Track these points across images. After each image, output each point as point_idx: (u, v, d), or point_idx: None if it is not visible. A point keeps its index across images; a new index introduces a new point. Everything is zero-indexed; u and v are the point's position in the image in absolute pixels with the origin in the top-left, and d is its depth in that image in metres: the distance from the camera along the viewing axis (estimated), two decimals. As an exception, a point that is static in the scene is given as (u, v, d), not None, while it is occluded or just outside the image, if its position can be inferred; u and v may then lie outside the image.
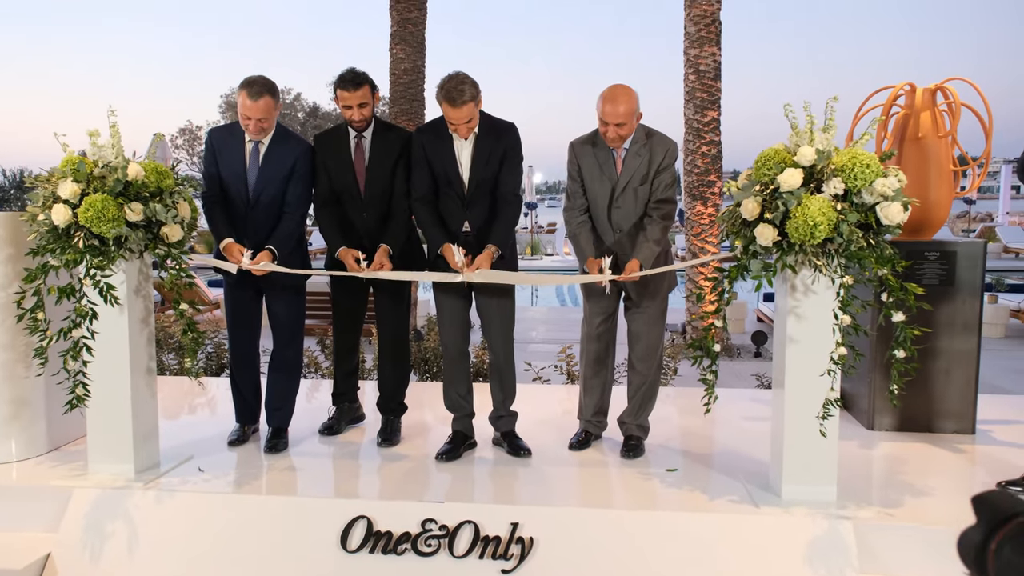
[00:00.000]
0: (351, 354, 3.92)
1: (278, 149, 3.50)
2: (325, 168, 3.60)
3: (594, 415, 3.70)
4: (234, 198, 3.50)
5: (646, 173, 3.37)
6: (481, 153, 3.38)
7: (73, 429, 3.66)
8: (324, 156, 3.62)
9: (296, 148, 3.54)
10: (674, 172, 3.45)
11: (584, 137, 3.49)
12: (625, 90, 3.30)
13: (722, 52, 9.78)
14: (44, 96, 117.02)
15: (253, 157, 3.50)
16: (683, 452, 3.63)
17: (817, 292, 2.87)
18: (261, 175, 3.48)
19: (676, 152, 3.43)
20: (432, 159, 3.42)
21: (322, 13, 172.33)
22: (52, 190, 2.99)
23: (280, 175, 3.50)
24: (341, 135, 3.62)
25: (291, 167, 3.51)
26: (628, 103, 3.27)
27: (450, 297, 3.52)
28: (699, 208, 9.91)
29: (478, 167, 3.39)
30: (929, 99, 4.00)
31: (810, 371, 2.89)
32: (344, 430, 3.93)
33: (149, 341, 3.29)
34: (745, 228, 2.88)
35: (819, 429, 2.88)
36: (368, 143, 3.58)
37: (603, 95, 3.31)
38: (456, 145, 3.40)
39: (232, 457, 3.56)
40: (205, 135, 3.61)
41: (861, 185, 2.69)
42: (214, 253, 3.64)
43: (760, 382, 5.76)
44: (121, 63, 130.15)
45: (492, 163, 3.40)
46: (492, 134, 3.40)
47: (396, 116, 10.28)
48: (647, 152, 3.37)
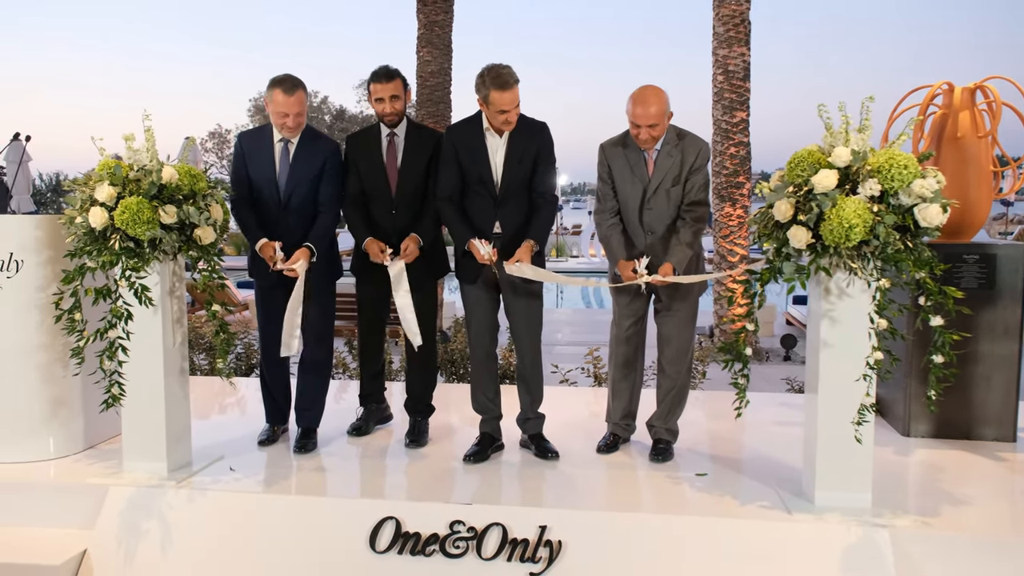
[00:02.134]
0: (377, 355, 3.94)
1: (308, 148, 3.55)
2: (356, 167, 3.65)
3: (622, 418, 3.68)
4: (266, 200, 3.54)
5: (678, 174, 3.34)
6: (515, 151, 3.39)
7: (109, 427, 3.72)
8: (355, 156, 3.66)
9: (326, 147, 3.59)
10: (707, 174, 3.42)
11: (614, 139, 3.48)
12: (655, 90, 3.28)
13: (751, 52, 9.69)
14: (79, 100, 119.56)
15: (283, 158, 3.53)
16: (712, 457, 3.59)
17: (852, 295, 2.82)
18: (292, 175, 3.52)
19: (708, 153, 3.41)
20: (463, 157, 3.42)
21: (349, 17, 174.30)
22: (89, 193, 3.05)
23: (311, 174, 3.54)
24: (372, 135, 3.66)
25: (321, 166, 3.55)
26: (659, 103, 3.25)
27: (478, 298, 3.52)
28: (728, 210, 9.83)
29: (512, 165, 3.39)
30: (968, 98, 3.92)
31: (845, 376, 2.85)
32: (372, 431, 3.95)
33: (182, 342, 3.34)
34: (778, 230, 2.84)
35: (854, 435, 2.84)
36: (400, 142, 3.62)
37: (633, 97, 3.29)
38: (490, 143, 3.40)
39: (262, 457, 3.60)
40: (235, 139, 3.66)
41: (898, 186, 2.65)
42: (248, 255, 3.69)
43: (790, 386, 5.69)
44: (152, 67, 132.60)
45: (525, 162, 3.40)
46: (526, 132, 3.41)
47: (423, 119, 10.34)
48: (679, 153, 3.34)
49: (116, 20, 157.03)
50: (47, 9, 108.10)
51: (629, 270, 3.32)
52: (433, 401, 3.91)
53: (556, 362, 5.90)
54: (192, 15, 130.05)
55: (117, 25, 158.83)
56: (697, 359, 5.79)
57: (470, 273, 3.49)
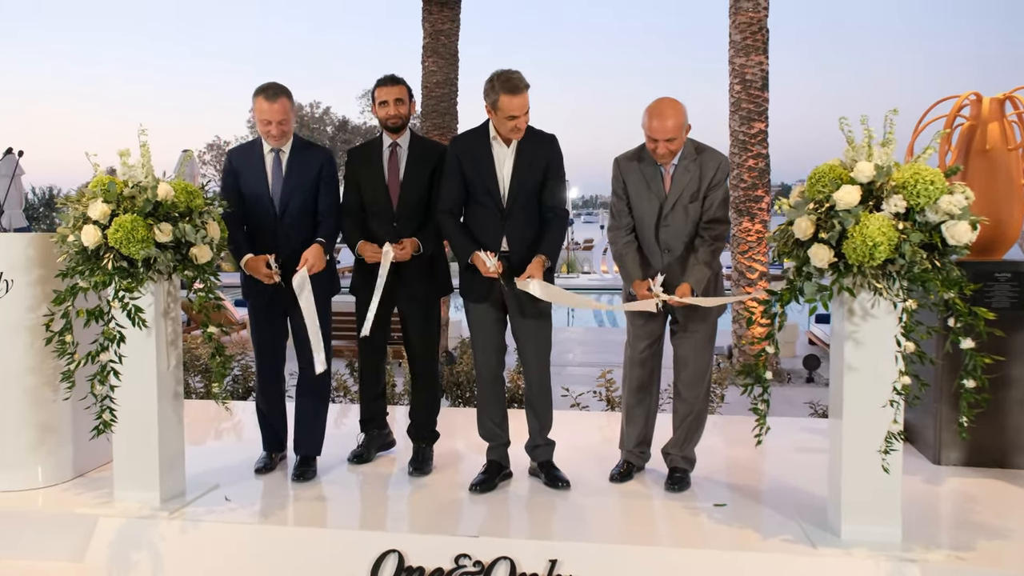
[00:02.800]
0: (378, 377, 3.94)
1: (300, 157, 3.62)
2: (355, 179, 3.70)
3: (636, 445, 3.66)
4: (261, 213, 3.58)
5: (696, 190, 3.35)
6: (523, 161, 3.41)
7: (99, 455, 3.73)
8: (355, 168, 3.72)
9: (319, 155, 3.68)
10: (727, 190, 3.42)
11: (630, 152, 3.49)
12: (672, 103, 3.29)
13: (769, 61, 9.72)
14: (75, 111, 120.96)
15: (275, 168, 3.59)
16: (732, 486, 3.56)
17: (877, 317, 2.81)
18: (286, 185, 3.57)
19: (728, 168, 3.41)
20: (468, 168, 3.44)
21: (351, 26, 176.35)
22: (82, 211, 3.08)
23: (305, 183, 3.59)
24: (374, 147, 3.72)
25: (316, 175, 3.62)
26: (676, 116, 3.26)
27: (485, 318, 3.52)
28: (746, 224, 9.82)
29: (520, 175, 3.41)
30: (997, 109, 3.92)
31: (871, 401, 2.83)
32: (374, 458, 3.94)
33: (177, 365, 3.35)
34: (798, 248, 2.84)
35: (881, 464, 2.81)
36: (403, 153, 3.67)
37: (649, 110, 3.30)
38: (496, 152, 3.42)
39: (259, 486, 3.59)
40: (225, 157, 3.71)
41: (924, 203, 2.64)
42: (240, 273, 3.70)
43: (814, 410, 5.65)
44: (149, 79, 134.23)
45: (534, 173, 3.42)
46: (535, 143, 3.44)
47: (428, 130, 10.41)
48: (697, 168, 3.35)
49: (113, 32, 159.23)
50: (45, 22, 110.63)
51: (644, 289, 3.32)
52: (437, 427, 3.91)
53: (566, 384, 5.89)
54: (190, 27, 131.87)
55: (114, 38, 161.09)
56: (715, 382, 5.77)
57: (475, 291, 3.49)
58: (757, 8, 9.61)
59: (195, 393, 5.88)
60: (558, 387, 3.94)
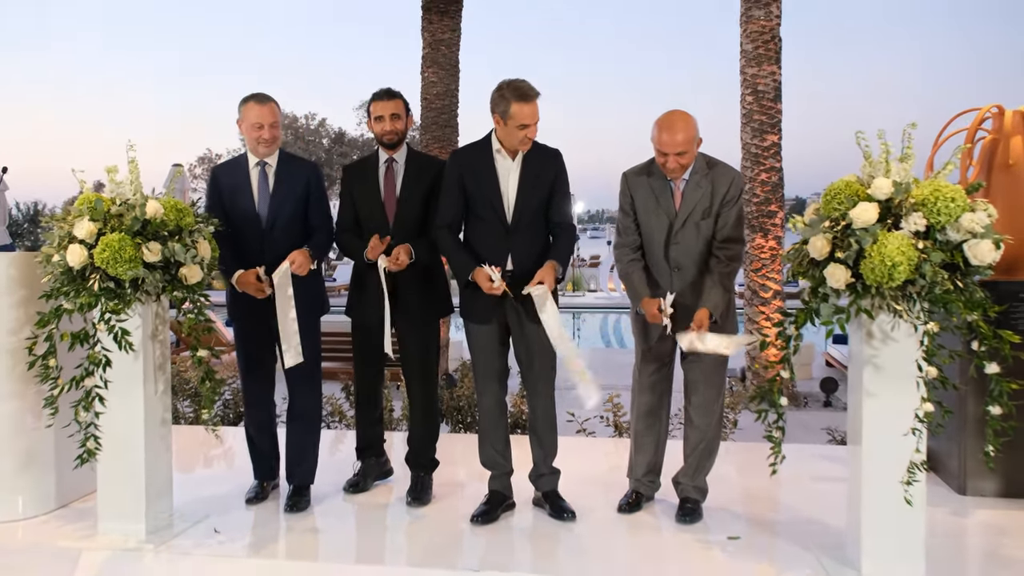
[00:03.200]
0: (375, 402, 3.93)
1: (286, 170, 3.67)
2: (351, 196, 3.72)
3: (646, 474, 3.63)
4: (248, 228, 3.60)
5: (708, 206, 3.34)
6: (529, 174, 3.43)
7: (83, 484, 3.70)
8: (351, 184, 3.75)
9: (306, 169, 3.73)
10: (741, 207, 3.42)
11: (639, 167, 3.49)
12: (683, 116, 3.30)
13: (782, 70, 9.76)
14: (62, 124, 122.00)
15: (262, 182, 3.63)
16: (746, 517, 3.53)
17: (897, 340, 2.79)
18: (274, 197, 3.61)
19: (742, 183, 3.41)
20: (469, 182, 3.44)
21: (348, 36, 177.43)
22: (68, 229, 3.08)
23: (292, 196, 3.63)
24: (370, 163, 3.75)
25: (304, 189, 3.66)
26: (687, 130, 3.26)
27: (487, 340, 3.51)
28: (759, 241, 9.81)
29: (526, 189, 3.41)
30: (1020, 122, 3.92)
31: (891, 430, 2.80)
32: (371, 487, 3.91)
33: (165, 390, 3.34)
34: (813, 268, 2.83)
35: (904, 496, 2.78)
36: (399, 169, 3.69)
37: (658, 123, 3.30)
38: (500, 166, 3.43)
39: (250, 517, 3.57)
40: (209, 175, 3.76)
41: (945, 221, 2.63)
42: (227, 294, 3.70)
43: (832, 437, 5.62)
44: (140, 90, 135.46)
45: (540, 188, 3.44)
46: (540, 156, 3.47)
47: (428, 144, 10.44)
48: (709, 183, 3.35)
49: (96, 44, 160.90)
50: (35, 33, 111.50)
51: (654, 308, 3.31)
52: (437, 454, 3.88)
53: (572, 409, 5.84)
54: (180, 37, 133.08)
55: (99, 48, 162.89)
56: (728, 406, 5.74)
57: (477, 311, 3.48)
58: (769, 16, 9.66)
59: (184, 418, 5.87)
60: (563, 411, 3.92)
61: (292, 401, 3.71)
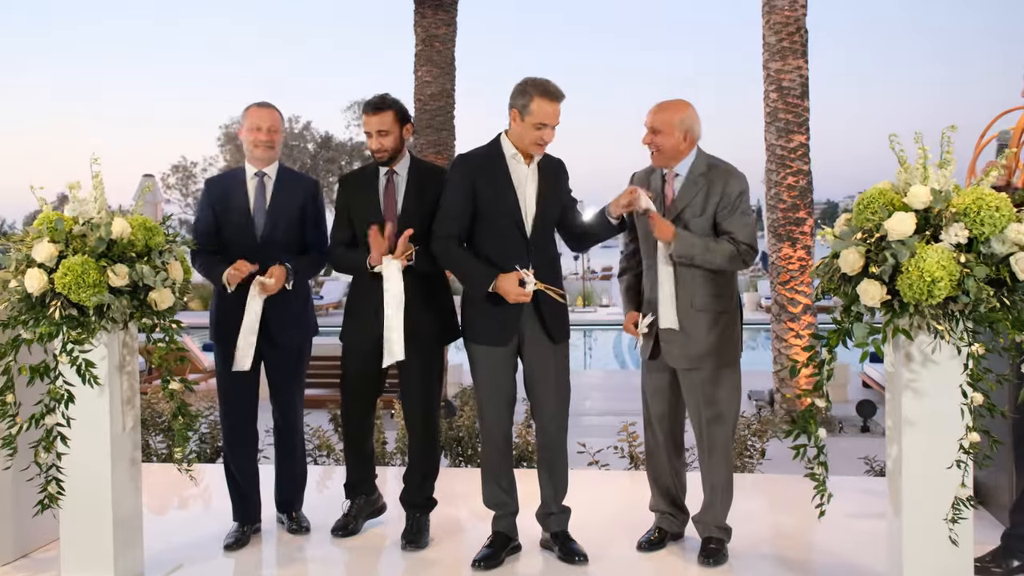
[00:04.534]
0: (366, 434, 3.91)
1: (285, 183, 3.79)
2: (347, 210, 3.74)
3: (668, 508, 3.65)
4: (241, 239, 3.67)
5: (703, 206, 3.40)
6: (547, 182, 3.51)
7: (45, 531, 3.68)
8: (349, 197, 3.77)
9: (305, 185, 3.88)
10: (750, 213, 3.47)
11: (647, 167, 3.62)
12: (673, 100, 3.46)
13: (809, 65, 9.77)
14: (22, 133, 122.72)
15: (259, 193, 3.73)
16: (776, 558, 3.53)
17: (939, 363, 2.78)
18: (271, 211, 3.71)
19: (743, 187, 3.45)
20: (484, 189, 3.45)
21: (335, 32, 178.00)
22: (26, 252, 3.08)
23: (290, 211, 3.74)
24: (369, 174, 3.77)
25: (301, 205, 3.77)
26: (671, 111, 3.40)
27: (496, 364, 3.50)
28: (786, 251, 9.80)
29: (545, 198, 3.49)
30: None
31: (934, 462, 2.79)
32: (361, 529, 3.89)
33: (134, 427, 3.34)
34: (845, 284, 2.83)
35: (948, 535, 2.76)
36: (401, 182, 3.70)
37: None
38: (515, 172, 3.48)
39: (228, 565, 3.56)
40: (203, 181, 3.83)
41: (989, 232, 2.63)
42: (211, 314, 3.72)
43: (870, 467, 5.58)
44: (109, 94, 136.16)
45: (557, 197, 3.55)
46: (552, 164, 3.58)
47: (422, 147, 10.49)
48: (705, 183, 3.42)
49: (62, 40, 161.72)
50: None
51: (630, 323, 3.48)
52: (435, 492, 3.86)
53: (583, 439, 5.83)
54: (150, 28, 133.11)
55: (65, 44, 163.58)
56: (754, 434, 5.71)
57: (486, 330, 3.48)
58: (794, 6, 9.69)
59: (156, 455, 5.85)
60: (573, 441, 3.91)
61: (284, 431, 3.86)
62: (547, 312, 3.45)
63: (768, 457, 5.72)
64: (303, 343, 3.86)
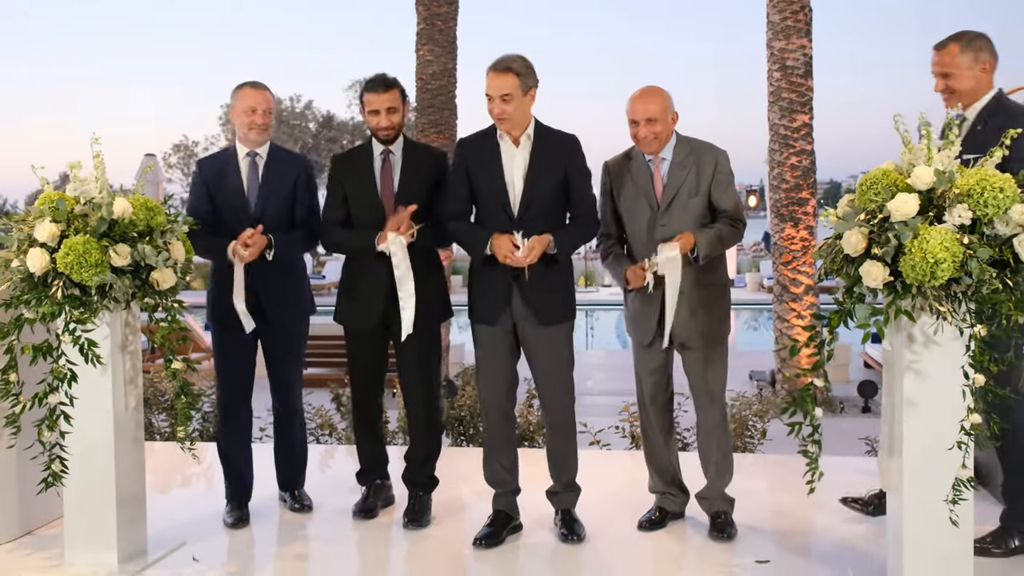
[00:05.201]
0: (377, 417, 3.92)
1: (277, 162, 3.81)
2: (341, 191, 3.73)
3: (667, 488, 3.67)
4: (236, 221, 3.67)
5: (696, 185, 3.46)
6: (538, 161, 3.46)
7: (49, 509, 3.71)
8: (343, 178, 3.75)
9: (297, 163, 3.91)
10: (735, 188, 3.58)
11: (618, 155, 3.64)
12: (655, 87, 3.48)
13: (813, 44, 9.71)
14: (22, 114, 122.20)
15: (251, 173, 3.74)
16: (776, 537, 3.54)
17: (941, 344, 2.78)
18: (264, 190, 3.73)
19: (727, 160, 3.53)
20: (475, 171, 3.50)
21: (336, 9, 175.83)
22: (28, 232, 3.09)
23: (283, 189, 3.76)
24: (364, 154, 3.75)
25: (294, 182, 3.79)
26: (661, 100, 3.43)
27: (496, 341, 3.53)
28: (789, 231, 9.79)
29: (533, 177, 3.45)
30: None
31: (935, 443, 2.79)
32: (379, 512, 3.87)
33: (137, 406, 3.35)
34: (848, 265, 2.82)
35: (949, 516, 2.77)
36: (397, 161, 3.69)
37: (631, 96, 3.49)
38: (505, 152, 3.49)
39: (232, 542, 3.59)
40: (194, 168, 3.82)
41: (993, 213, 2.62)
42: (208, 293, 3.72)
43: (870, 447, 5.60)
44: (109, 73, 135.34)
45: (549, 177, 3.46)
46: (550, 143, 3.51)
47: (424, 128, 10.46)
48: (693, 163, 3.48)
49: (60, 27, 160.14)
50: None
51: (639, 268, 3.44)
52: (437, 471, 3.88)
53: (584, 418, 5.83)
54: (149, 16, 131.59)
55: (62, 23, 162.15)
56: (755, 414, 5.73)
57: (483, 308, 3.51)
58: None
59: (159, 433, 5.88)
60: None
61: (282, 410, 3.88)
62: (532, 293, 3.42)
63: (769, 437, 5.74)
64: (298, 321, 3.86)
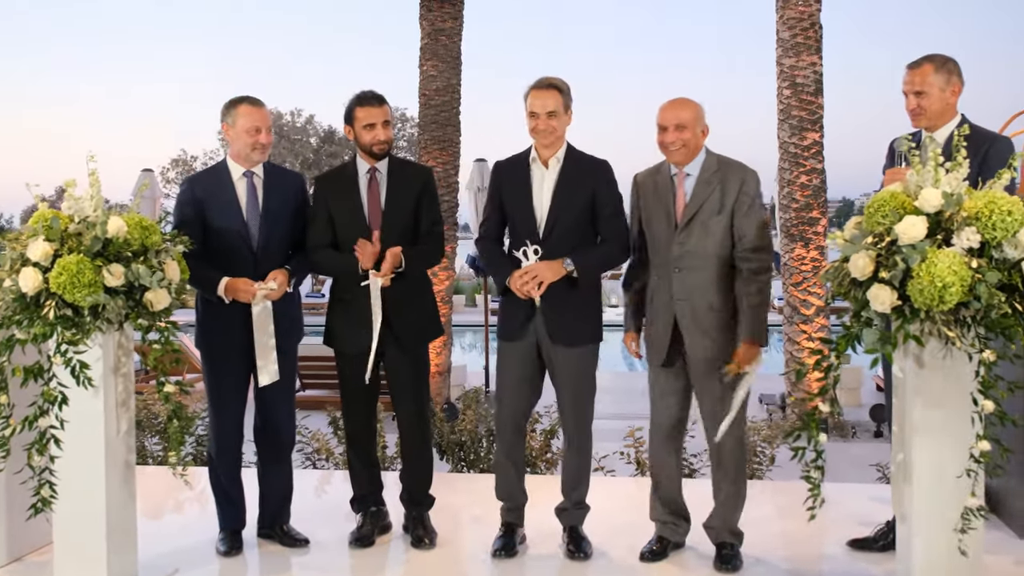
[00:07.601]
0: (371, 440, 3.93)
1: (276, 182, 3.76)
2: (326, 212, 3.73)
3: (669, 518, 3.66)
4: (235, 249, 3.63)
5: (719, 205, 3.42)
6: (566, 183, 3.54)
7: (38, 535, 3.71)
8: (327, 199, 3.76)
9: (295, 181, 3.88)
10: (761, 210, 3.50)
11: (649, 169, 3.64)
12: (688, 98, 3.48)
13: (823, 62, 9.75)
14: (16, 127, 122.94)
15: (250, 196, 3.69)
16: (786, 567, 3.54)
17: (950, 370, 2.78)
18: (266, 214, 3.67)
19: (756, 182, 3.49)
20: (507, 193, 3.63)
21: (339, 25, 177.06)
22: (20, 251, 3.11)
23: (285, 211, 3.73)
24: (348, 174, 3.77)
25: (295, 208, 3.76)
26: (691, 109, 3.43)
27: (517, 361, 3.61)
28: (799, 251, 9.79)
29: (560, 199, 3.52)
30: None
31: (944, 470, 2.79)
32: (377, 540, 3.85)
33: (129, 430, 3.35)
34: (855, 289, 2.83)
35: (958, 546, 2.76)
36: (383, 179, 3.72)
37: (662, 104, 3.49)
38: (535, 174, 3.58)
39: (225, 570, 3.59)
40: (182, 186, 3.80)
41: (1002, 236, 2.63)
42: (198, 317, 3.72)
43: (882, 474, 5.57)
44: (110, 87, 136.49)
45: (576, 199, 3.54)
46: (580, 167, 3.59)
47: (427, 144, 10.51)
48: (719, 181, 3.45)
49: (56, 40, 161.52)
50: None
51: (630, 343, 3.60)
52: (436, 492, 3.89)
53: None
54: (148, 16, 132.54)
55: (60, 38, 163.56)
56: (764, 440, 5.72)
57: (504, 326, 3.63)
58: (808, 1, 9.67)
59: (152, 457, 5.87)
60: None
61: (271, 436, 3.79)
62: (550, 314, 3.50)
63: (778, 464, 5.72)
64: (289, 345, 3.81)
